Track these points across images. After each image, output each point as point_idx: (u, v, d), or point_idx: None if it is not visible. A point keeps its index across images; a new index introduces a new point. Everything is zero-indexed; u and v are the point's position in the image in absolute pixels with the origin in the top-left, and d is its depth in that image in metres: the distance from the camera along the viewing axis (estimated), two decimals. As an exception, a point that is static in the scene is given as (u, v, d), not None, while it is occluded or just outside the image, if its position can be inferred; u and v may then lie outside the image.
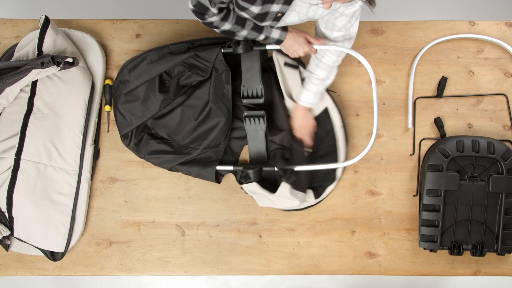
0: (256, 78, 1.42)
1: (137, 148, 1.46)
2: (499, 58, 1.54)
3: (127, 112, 1.44)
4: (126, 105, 1.44)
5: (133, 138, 1.45)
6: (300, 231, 1.46)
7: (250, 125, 1.43)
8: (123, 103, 1.44)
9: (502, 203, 1.41)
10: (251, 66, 1.41)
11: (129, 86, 1.43)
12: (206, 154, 1.46)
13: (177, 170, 1.45)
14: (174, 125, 1.46)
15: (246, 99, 1.44)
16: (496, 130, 1.51)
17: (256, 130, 1.44)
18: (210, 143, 1.45)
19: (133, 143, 1.45)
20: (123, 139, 1.46)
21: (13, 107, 1.44)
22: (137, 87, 1.42)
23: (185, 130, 1.45)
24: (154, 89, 1.41)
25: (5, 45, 1.55)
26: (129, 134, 1.46)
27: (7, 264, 1.44)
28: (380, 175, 1.49)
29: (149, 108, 1.43)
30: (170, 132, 1.47)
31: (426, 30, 1.55)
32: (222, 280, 2.19)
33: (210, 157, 1.46)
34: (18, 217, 1.40)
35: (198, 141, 1.46)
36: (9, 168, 1.41)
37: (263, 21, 1.18)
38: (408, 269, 1.46)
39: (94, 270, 1.45)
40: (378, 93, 1.53)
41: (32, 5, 2.35)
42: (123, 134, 1.45)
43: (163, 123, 1.46)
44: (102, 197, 1.47)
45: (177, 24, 1.56)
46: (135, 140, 1.45)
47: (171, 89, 1.43)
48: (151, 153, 1.44)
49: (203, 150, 1.46)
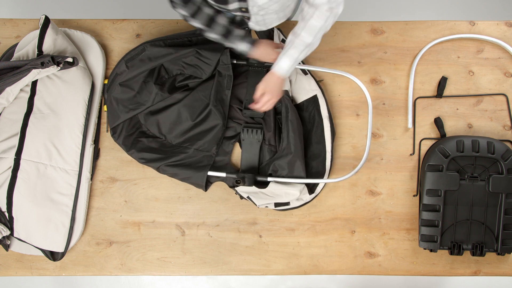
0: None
1: (126, 143, 1.43)
2: (499, 58, 1.54)
3: (120, 104, 1.42)
4: (120, 95, 1.42)
5: (123, 132, 1.43)
6: (300, 231, 1.46)
7: (247, 136, 1.44)
8: (116, 94, 1.42)
9: (502, 203, 1.41)
10: (256, 82, 1.39)
11: (124, 76, 1.41)
12: (197, 158, 1.44)
13: (164, 172, 1.42)
14: (168, 123, 1.44)
15: (248, 111, 1.44)
16: (496, 130, 1.51)
17: (251, 142, 1.44)
18: (203, 144, 1.44)
19: (122, 137, 1.43)
20: (112, 132, 1.44)
21: (13, 107, 1.44)
22: (134, 77, 1.40)
23: (180, 129, 1.44)
24: (150, 81, 1.40)
25: (5, 45, 1.55)
26: (119, 128, 1.44)
27: (7, 264, 1.44)
28: (380, 175, 1.49)
29: (143, 102, 1.41)
30: (163, 129, 1.45)
31: (426, 30, 1.56)
32: (222, 280, 2.19)
33: (201, 161, 1.44)
34: (18, 217, 1.40)
35: (192, 141, 1.45)
36: (9, 168, 1.41)
37: (227, 4, 1.16)
38: (408, 269, 1.46)
39: (94, 270, 1.45)
40: (379, 93, 1.53)
41: (32, 5, 2.35)
42: (113, 127, 1.43)
43: (157, 120, 1.45)
44: (102, 197, 1.47)
45: (177, 24, 1.56)
46: (125, 134, 1.43)
47: (167, 85, 1.42)
48: (140, 150, 1.42)
49: (195, 151, 1.44)
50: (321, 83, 1.51)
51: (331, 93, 1.52)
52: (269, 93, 1.32)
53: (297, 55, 1.25)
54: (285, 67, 1.27)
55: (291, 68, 1.28)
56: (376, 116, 1.52)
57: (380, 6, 2.38)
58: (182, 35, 1.46)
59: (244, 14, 1.22)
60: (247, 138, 1.44)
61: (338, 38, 1.55)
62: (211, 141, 1.44)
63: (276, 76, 1.30)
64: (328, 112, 1.45)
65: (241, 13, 1.22)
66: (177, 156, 1.42)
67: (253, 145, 1.44)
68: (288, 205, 1.42)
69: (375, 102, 1.52)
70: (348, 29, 1.55)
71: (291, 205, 1.43)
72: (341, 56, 1.54)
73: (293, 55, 1.25)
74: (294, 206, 1.43)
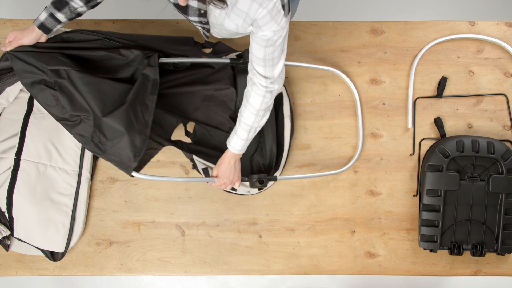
0: None
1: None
2: (499, 58, 1.54)
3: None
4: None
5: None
6: (300, 231, 1.47)
7: None
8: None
9: (502, 203, 1.41)
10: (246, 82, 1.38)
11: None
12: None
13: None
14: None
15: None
16: (496, 130, 1.51)
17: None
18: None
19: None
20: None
21: (13, 107, 1.44)
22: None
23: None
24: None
25: (5, 45, 1.55)
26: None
27: (7, 264, 1.44)
28: (380, 175, 1.49)
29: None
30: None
31: (426, 30, 1.55)
32: (222, 280, 2.19)
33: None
34: (18, 217, 1.40)
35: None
36: (9, 168, 1.41)
37: (187, 14, 1.15)
38: (408, 269, 1.46)
39: (94, 270, 1.45)
40: (379, 93, 1.53)
41: (32, 5, 2.35)
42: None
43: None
44: (102, 197, 1.47)
45: (177, 24, 1.56)
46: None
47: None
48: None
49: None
50: (285, 80, 1.50)
51: (331, 93, 1.52)
52: (221, 177, 1.31)
53: (245, 136, 1.26)
54: (238, 148, 1.28)
55: (244, 147, 1.28)
56: (376, 116, 1.52)
57: (380, 6, 2.38)
58: (95, 33, 1.35)
59: (204, 26, 1.22)
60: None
61: (338, 38, 1.55)
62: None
63: (230, 154, 1.29)
64: (290, 111, 1.45)
65: (201, 25, 1.21)
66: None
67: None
68: (235, 191, 1.43)
69: (375, 102, 1.52)
70: (348, 29, 1.55)
71: (238, 192, 1.43)
72: (341, 56, 1.54)
73: (241, 136, 1.26)
74: (240, 193, 1.44)
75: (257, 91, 1.18)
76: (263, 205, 1.47)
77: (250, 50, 1.13)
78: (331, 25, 1.55)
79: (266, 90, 1.17)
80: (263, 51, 1.09)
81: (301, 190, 1.48)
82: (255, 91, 1.18)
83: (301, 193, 1.48)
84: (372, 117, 1.51)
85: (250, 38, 1.11)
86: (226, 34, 1.24)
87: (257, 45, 1.09)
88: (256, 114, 1.22)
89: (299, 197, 1.47)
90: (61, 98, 1.24)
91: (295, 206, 1.47)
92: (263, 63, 1.12)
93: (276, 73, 1.15)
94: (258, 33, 1.06)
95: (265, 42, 1.07)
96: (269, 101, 1.20)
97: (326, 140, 1.50)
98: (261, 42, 1.07)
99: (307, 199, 1.47)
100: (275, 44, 1.07)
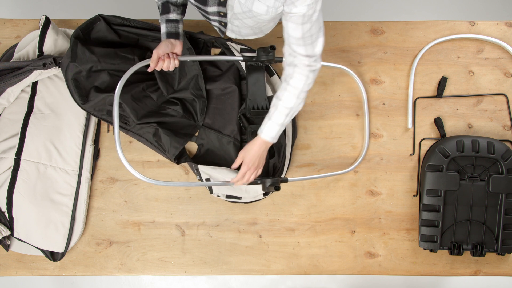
0: (261, 92, 1.41)
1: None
2: (499, 58, 1.54)
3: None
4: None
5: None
6: (300, 231, 1.47)
7: (250, 137, 1.42)
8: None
9: (502, 203, 1.41)
10: (257, 79, 1.37)
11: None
12: (181, 123, 1.46)
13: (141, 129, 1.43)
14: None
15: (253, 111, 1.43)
16: (496, 130, 1.51)
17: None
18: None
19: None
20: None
21: (14, 107, 1.44)
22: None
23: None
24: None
25: (5, 45, 1.55)
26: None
27: (7, 264, 1.44)
28: (380, 175, 1.49)
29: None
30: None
31: (426, 30, 1.55)
32: (222, 280, 2.19)
33: (185, 128, 1.47)
34: (18, 217, 1.40)
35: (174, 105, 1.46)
36: (9, 168, 1.41)
37: (206, 5, 1.14)
38: (408, 269, 1.46)
39: (94, 270, 1.45)
40: (379, 93, 1.53)
41: (32, 5, 2.35)
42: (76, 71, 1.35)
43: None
44: (102, 197, 1.47)
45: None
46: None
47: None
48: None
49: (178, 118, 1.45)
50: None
51: (331, 93, 1.52)
52: (247, 164, 1.25)
53: (282, 120, 1.21)
54: (271, 135, 1.23)
55: (278, 134, 1.24)
56: (376, 116, 1.52)
57: (380, 6, 2.38)
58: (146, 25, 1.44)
59: (221, 19, 1.20)
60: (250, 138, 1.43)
61: (338, 38, 1.55)
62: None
63: (260, 141, 1.24)
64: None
65: (219, 18, 1.20)
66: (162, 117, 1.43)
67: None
68: (239, 199, 1.43)
69: (375, 102, 1.52)
70: (348, 29, 1.55)
71: (242, 200, 1.43)
72: (341, 56, 1.54)
73: (278, 120, 1.21)
74: (244, 201, 1.43)
75: (300, 71, 1.15)
76: (263, 205, 1.47)
77: (287, 32, 1.11)
78: (331, 25, 1.55)
79: (309, 69, 1.15)
80: (301, 29, 1.07)
81: (301, 190, 1.48)
82: (297, 71, 1.15)
83: (301, 193, 1.48)
84: (372, 117, 1.51)
85: (283, 21, 1.10)
86: (246, 27, 1.21)
87: (293, 25, 1.07)
88: (297, 97, 1.18)
89: (299, 197, 1.48)
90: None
91: (295, 206, 1.47)
92: (302, 42, 1.10)
93: (317, 51, 1.13)
94: (293, 11, 1.04)
95: (301, 19, 1.05)
96: (312, 82, 1.18)
97: (326, 140, 1.50)
98: (297, 19, 1.05)
99: (307, 199, 1.47)
100: (311, 19, 1.05)
